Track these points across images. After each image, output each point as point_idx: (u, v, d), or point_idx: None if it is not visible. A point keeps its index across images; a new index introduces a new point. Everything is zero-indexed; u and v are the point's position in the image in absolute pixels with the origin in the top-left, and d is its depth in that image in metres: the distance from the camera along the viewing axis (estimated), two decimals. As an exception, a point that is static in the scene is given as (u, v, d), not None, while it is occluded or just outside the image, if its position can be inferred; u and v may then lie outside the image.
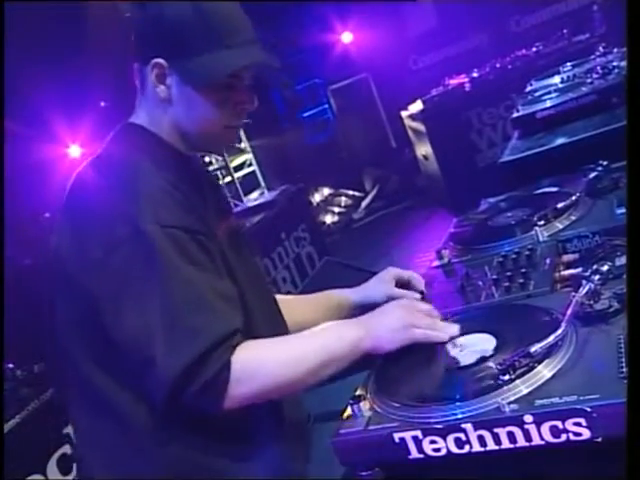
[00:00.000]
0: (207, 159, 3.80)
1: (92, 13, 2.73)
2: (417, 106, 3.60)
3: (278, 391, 0.62)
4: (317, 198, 4.63)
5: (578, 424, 0.48)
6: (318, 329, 0.66)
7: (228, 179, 4.02)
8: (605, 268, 0.63)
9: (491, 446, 0.51)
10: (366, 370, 0.66)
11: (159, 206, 0.60)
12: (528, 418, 0.49)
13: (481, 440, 0.51)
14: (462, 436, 0.52)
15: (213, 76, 0.65)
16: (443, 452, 0.53)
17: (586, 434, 0.48)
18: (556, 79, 1.64)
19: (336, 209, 4.59)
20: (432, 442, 0.53)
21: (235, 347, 0.59)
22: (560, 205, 0.87)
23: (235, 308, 0.61)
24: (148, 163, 0.64)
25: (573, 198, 0.88)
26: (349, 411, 0.59)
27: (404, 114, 3.84)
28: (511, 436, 0.50)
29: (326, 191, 4.71)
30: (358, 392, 0.62)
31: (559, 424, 0.48)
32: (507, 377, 0.53)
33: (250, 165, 4.37)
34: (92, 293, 0.59)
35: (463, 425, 0.52)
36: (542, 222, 0.85)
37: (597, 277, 0.61)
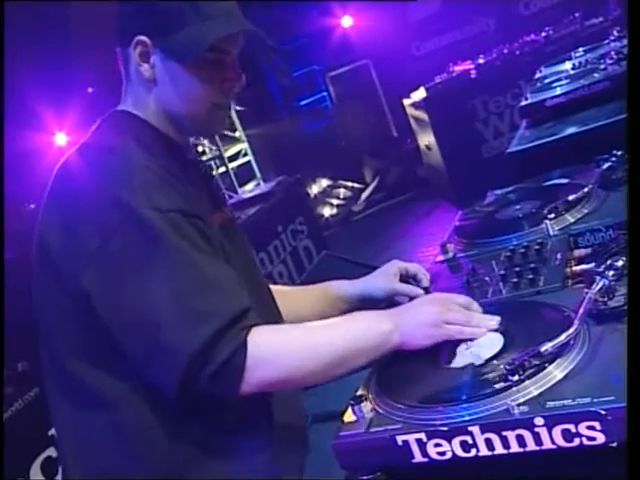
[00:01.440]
0: (200, 149, 3.75)
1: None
2: (420, 94, 3.52)
3: (297, 379, 0.60)
4: (315, 190, 4.59)
5: (592, 427, 0.46)
6: (346, 318, 0.64)
7: (222, 169, 3.94)
8: (620, 263, 0.60)
9: (499, 450, 0.49)
10: (368, 368, 0.64)
11: (154, 190, 0.58)
12: (539, 421, 0.47)
13: (489, 443, 0.49)
14: (469, 439, 0.50)
15: (196, 47, 0.62)
16: (448, 456, 0.51)
17: (600, 438, 0.46)
18: (567, 65, 1.58)
19: (335, 201, 4.55)
20: (437, 445, 0.51)
21: (250, 327, 0.57)
22: (571, 197, 0.84)
23: (241, 289, 0.59)
24: (138, 148, 0.62)
25: (585, 190, 0.85)
26: (350, 412, 0.57)
27: (406, 102, 3.76)
28: (520, 440, 0.48)
29: (324, 182, 4.67)
30: (359, 392, 0.60)
31: (572, 427, 0.46)
32: (516, 377, 0.51)
33: (245, 155, 4.28)
34: (84, 284, 0.57)
35: (470, 428, 0.50)
36: (552, 215, 0.82)
37: (611, 273, 0.58)
